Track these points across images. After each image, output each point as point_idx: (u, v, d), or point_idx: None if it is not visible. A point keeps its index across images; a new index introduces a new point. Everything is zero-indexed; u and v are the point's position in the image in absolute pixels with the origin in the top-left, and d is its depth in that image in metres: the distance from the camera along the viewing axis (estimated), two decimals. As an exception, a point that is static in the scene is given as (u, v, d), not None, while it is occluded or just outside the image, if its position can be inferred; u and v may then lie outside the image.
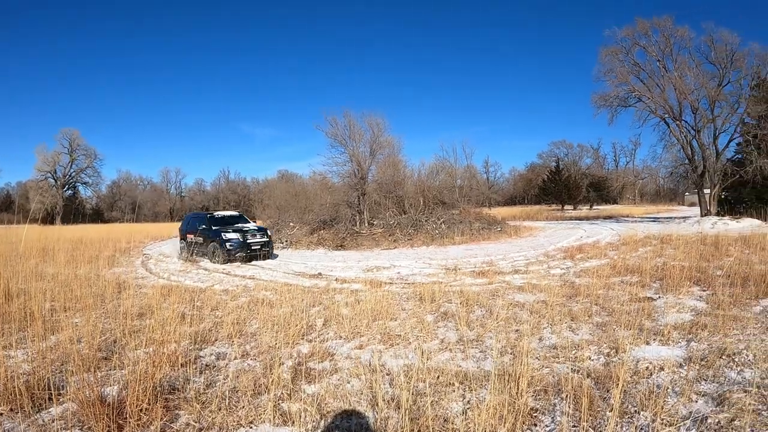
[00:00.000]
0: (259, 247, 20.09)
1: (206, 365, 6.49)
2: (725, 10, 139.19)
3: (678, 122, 38.34)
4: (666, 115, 38.85)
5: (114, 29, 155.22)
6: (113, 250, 25.36)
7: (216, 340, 7.72)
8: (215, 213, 23.31)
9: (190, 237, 22.12)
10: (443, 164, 69.25)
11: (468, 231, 28.76)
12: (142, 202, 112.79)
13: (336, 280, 14.01)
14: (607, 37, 41.97)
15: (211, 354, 7.01)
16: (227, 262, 19.17)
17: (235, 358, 6.71)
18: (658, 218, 47.47)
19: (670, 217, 47.14)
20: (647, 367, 6.07)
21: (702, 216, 37.31)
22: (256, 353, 6.91)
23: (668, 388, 5.43)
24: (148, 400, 4.90)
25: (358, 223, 31.05)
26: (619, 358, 6.38)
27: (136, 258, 22.90)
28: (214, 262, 19.58)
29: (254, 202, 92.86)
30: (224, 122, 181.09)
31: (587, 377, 5.69)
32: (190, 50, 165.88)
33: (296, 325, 7.92)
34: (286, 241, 28.83)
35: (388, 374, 5.85)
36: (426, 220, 29.87)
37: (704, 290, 10.79)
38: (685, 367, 6.12)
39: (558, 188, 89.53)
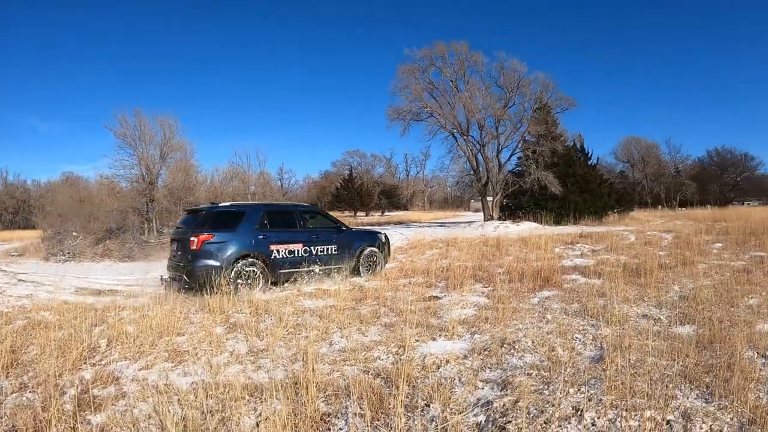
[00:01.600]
0: None
1: (-24, 404, 5.86)
2: (517, 40, 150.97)
3: (465, 137, 42.13)
4: (455, 130, 42.48)
5: None
6: None
7: None
8: None
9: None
10: (237, 170, 68.71)
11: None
12: None
13: (121, 294, 13.35)
14: (406, 56, 44.67)
15: (-18, 391, 6.38)
16: None
17: (12, 392, 6.11)
18: (446, 223, 50.05)
19: (457, 222, 49.97)
20: (434, 362, 6.44)
21: (485, 221, 40.38)
22: (34, 384, 6.31)
23: (455, 379, 5.84)
24: None
25: (146, 232, 29.66)
26: (407, 356, 6.70)
27: None
28: None
29: (35, 209, 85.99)
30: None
31: (377, 377, 5.92)
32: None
33: (78, 348, 7.45)
34: (69, 253, 26.65)
35: (176, 394, 5.64)
36: (218, 229, 28.94)
37: (486, 287, 11.64)
38: (470, 358, 6.59)
39: (351, 195, 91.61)
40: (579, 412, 4.77)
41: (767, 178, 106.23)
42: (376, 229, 19.55)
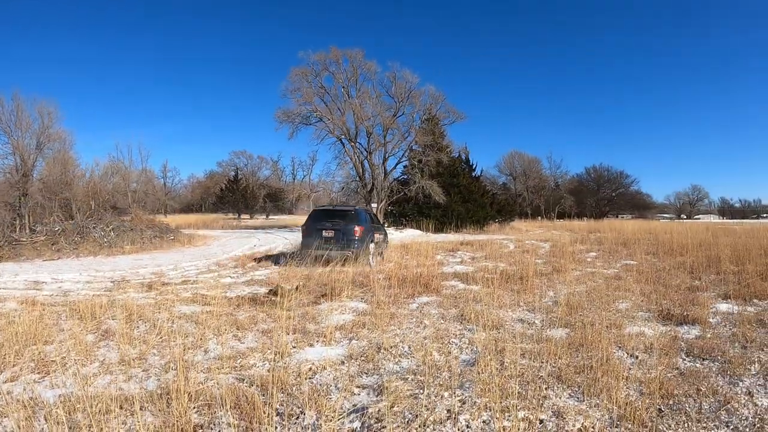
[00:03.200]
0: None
1: None
2: (409, 50, 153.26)
3: (353, 143, 42.79)
4: (343, 136, 42.86)
5: None
6: None
7: None
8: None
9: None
10: (118, 166, 66.37)
11: (139, 239, 27.52)
12: None
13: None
14: (300, 58, 45.39)
15: None
16: None
17: None
18: (328, 227, 50.01)
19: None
20: (310, 368, 6.46)
21: (369, 227, 40.51)
22: None
23: (331, 385, 5.86)
24: None
25: (18, 229, 27.84)
26: (283, 363, 6.65)
27: None
28: None
29: None
30: None
31: (252, 385, 5.83)
32: None
33: (-66, 358, 7.05)
34: None
35: (42, 408, 5.32)
36: (94, 227, 27.66)
37: (366, 293, 11.67)
38: (347, 364, 6.63)
39: (236, 197, 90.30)
40: (453, 415, 4.89)
41: (640, 194, 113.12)
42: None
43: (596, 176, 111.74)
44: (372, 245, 18.72)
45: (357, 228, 17.98)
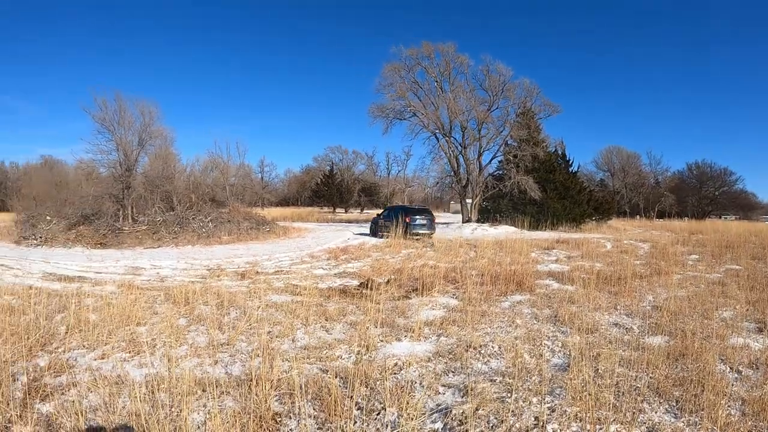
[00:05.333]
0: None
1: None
2: (502, 44, 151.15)
3: (447, 138, 42.14)
4: (437, 131, 42.36)
5: None
6: None
7: None
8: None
9: (382, 222, 31.20)
10: (217, 161, 68.20)
11: (236, 230, 28.22)
12: None
13: (89, 282, 13.09)
14: (392, 54, 44.55)
15: (-67, 373, 6.17)
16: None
17: None
18: (424, 223, 49.89)
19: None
20: (396, 363, 6.30)
21: (463, 222, 40.39)
22: None
23: (416, 382, 5.67)
24: None
25: (121, 219, 29.08)
26: (369, 356, 6.55)
27: None
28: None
29: (11, 191, 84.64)
30: None
31: (335, 377, 5.71)
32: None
33: (36, 335, 7.27)
34: (41, 237, 26.02)
35: (128, 386, 5.41)
36: (193, 218, 28.67)
37: (458, 289, 11.46)
38: (434, 361, 6.43)
39: (331, 191, 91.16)
40: (541, 424, 4.62)
41: (745, 193, 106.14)
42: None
43: (698, 173, 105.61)
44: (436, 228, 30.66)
45: (434, 218, 30.43)
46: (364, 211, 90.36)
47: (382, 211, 34.88)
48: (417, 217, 28.92)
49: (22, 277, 14.06)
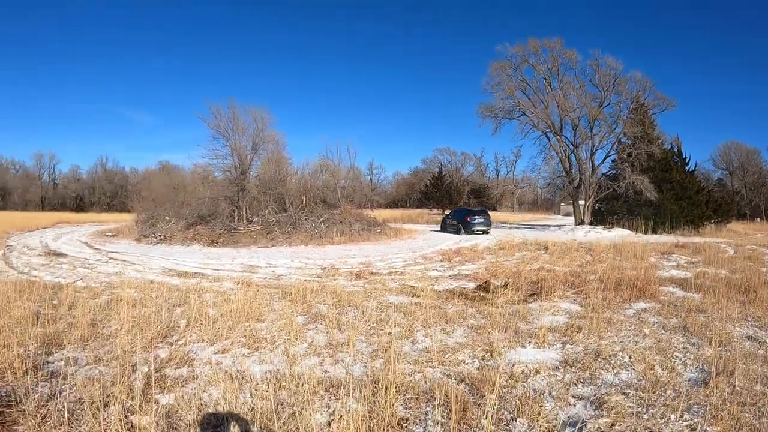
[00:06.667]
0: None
1: (53, 372, 5.86)
2: (613, 38, 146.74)
3: (558, 137, 40.91)
4: (548, 130, 41.16)
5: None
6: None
7: (68, 343, 6.96)
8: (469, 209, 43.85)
9: (450, 221, 39.00)
10: (327, 164, 69.38)
11: (348, 231, 28.60)
12: (11, 189, 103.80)
13: (207, 278, 13.43)
14: (498, 52, 43.72)
15: (60, 359, 6.34)
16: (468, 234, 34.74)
17: (87, 364, 6.12)
18: (534, 225, 49.22)
19: (546, 225, 48.96)
20: (523, 371, 6.02)
21: (576, 225, 39.26)
22: (109, 358, 6.26)
23: (545, 392, 5.40)
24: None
25: (236, 220, 30.17)
26: (494, 362, 6.32)
27: (-4, 250, 21.21)
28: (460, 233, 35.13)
29: (132, 194, 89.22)
30: (102, 106, 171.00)
31: (461, 382, 5.56)
32: (65, 24, 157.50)
33: (156, 327, 7.42)
34: (160, 236, 27.42)
35: (248, 381, 5.45)
36: (306, 219, 29.37)
37: (578, 294, 11.04)
38: (561, 370, 6.13)
39: (440, 193, 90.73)
40: (683, 443, 4.28)
41: None
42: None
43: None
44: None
45: (489, 217, 37.63)
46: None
47: (449, 211, 46.29)
48: (476, 216, 36.66)
49: (143, 272, 14.60)
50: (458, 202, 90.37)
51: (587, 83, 41.74)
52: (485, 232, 35.77)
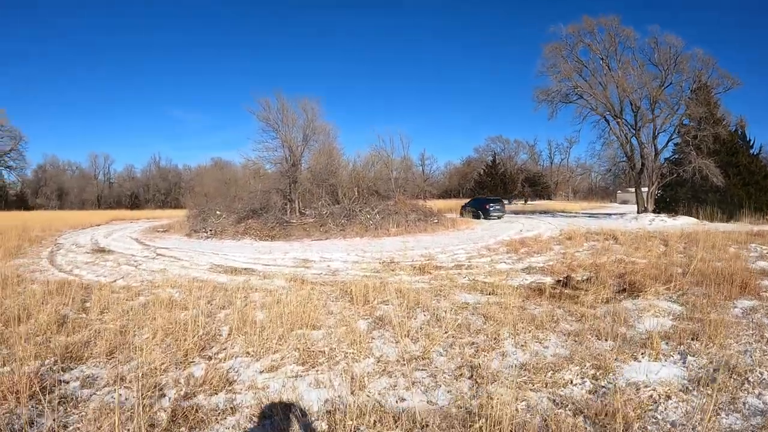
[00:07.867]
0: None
1: (63, 397, 4.76)
2: (671, 15, 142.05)
3: (618, 120, 38.39)
4: (607, 113, 38.81)
5: (37, 3, 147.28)
6: (21, 239, 23.14)
7: (90, 356, 5.85)
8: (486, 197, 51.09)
9: (468, 208, 44.88)
10: (379, 155, 68.84)
11: (404, 222, 27.57)
12: (69, 189, 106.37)
13: (256, 275, 12.38)
14: (551, 33, 41.41)
15: (77, 378, 5.24)
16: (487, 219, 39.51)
17: (105, 385, 5.00)
18: (594, 214, 47.44)
19: (607, 213, 47.19)
20: (650, 396, 4.66)
21: (639, 213, 37.42)
22: (132, 378, 5.07)
23: (685, 426, 4.08)
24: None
25: (288, 212, 29.55)
26: (609, 382, 4.96)
27: (45, 248, 20.71)
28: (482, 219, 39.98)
29: (185, 190, 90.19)
30: (155, 107, 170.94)
31: (578, 414, 4.27)
32: (117, 31, 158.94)
33: (194, 335, 6.26)
34: (211, 230, 26.85)
35: (303, 415, 4.19)
36: (360, 210, 28.40)
37: (669, 290, 9.54)
38: (694, 392, 4.77)
39: (494, 182, 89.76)
40: None
41: None
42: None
43: None
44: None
45: (504, 205, 43.48)
46: (528, 202, 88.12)
47: (469, 200, 52.44)
48: (493, 204, 42.51)
49: (188, 269, 13.70)
50: (513, 191, 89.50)
51: (646, 62, 39.00)
52: (499, 217, 41.69)
